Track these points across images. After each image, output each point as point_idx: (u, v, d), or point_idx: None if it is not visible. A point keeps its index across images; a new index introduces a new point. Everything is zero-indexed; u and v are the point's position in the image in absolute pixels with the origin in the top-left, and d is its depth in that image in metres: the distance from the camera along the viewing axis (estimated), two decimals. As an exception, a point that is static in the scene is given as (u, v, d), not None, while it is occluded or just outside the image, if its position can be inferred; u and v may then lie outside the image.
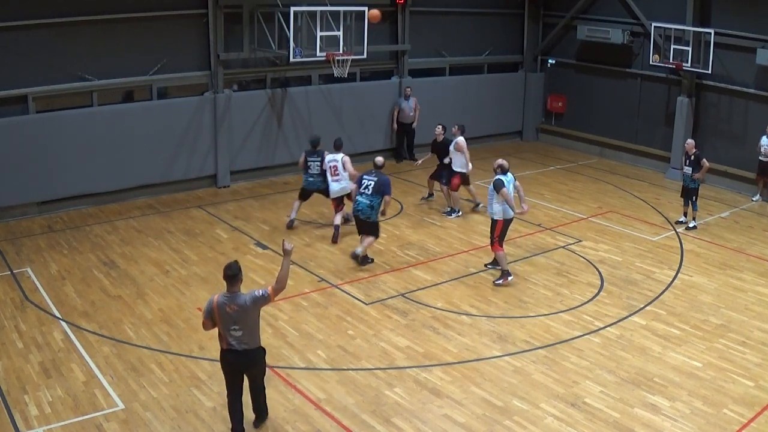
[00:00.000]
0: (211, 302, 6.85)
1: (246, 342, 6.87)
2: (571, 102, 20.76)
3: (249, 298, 6.78)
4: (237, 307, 6.74)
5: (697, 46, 16.29)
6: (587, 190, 16.69)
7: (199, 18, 15.27)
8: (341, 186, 12.90)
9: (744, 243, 13.40)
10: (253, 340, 6.96)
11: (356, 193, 11.82)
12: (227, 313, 6.76)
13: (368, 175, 11.79)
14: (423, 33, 18.83)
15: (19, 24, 13.07)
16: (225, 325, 6.82)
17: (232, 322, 6.78)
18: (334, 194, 12.97)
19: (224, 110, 15.73)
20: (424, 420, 7.75)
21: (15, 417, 7.53)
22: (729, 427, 7.69)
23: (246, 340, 6.86)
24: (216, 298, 6.84)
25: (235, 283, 6.78)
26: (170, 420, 7.60)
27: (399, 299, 10.68)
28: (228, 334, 6.85)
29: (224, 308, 6.76)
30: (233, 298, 6.76)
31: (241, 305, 6.75)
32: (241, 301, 6.75)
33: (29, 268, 11.45)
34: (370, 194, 11.59)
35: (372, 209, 11.61)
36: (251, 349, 6.95)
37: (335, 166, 12.85)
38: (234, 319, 6.76)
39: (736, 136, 16.90)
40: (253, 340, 6.95)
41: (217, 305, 6.79)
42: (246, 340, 6.86)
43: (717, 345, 9.48)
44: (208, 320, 6.94)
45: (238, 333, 6.81)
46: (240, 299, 6.76)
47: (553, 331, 9.79)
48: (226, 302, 6.76)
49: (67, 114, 13.93)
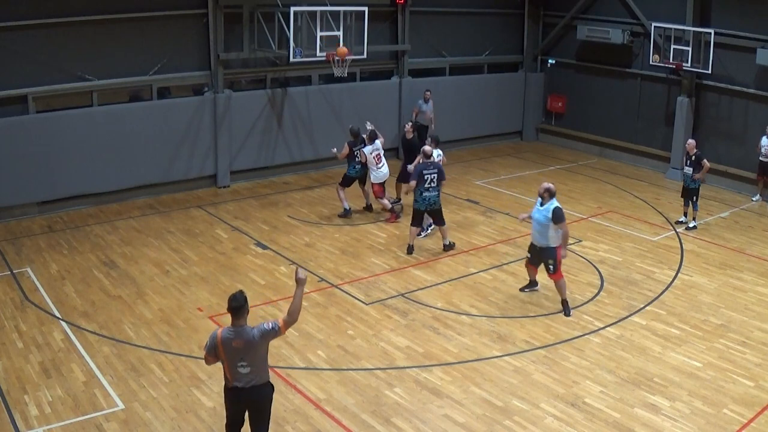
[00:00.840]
0: (215, 337, 6.16)
1: (253, 379, 6.19)
2: (571, 102, 20.76)
3: (257, 332, 6.08)
4: (244, 342, 6.05)
5: (697, 46, 16.30)
6: (587, 190, 16.69)
7: (199, 18, 15.28)
8: (387, 169, 13.90)
9: (744, 243, 13.40)
10: (261, 376, 6.27)
11: (419, 188, 12.08)
12: (233, 348, 6.07)
13: (427, 169, 12.09)
14: (423, 33, 18.83)
15: (19, 24, 13.08)
16: (231, 361, 6.13)
17: (239, 358, 6.08)
18: (381, 179, 13.83)
19: (224, 110, 15.73)
20: (424, 420, 7.75)
21: (15, 417, 7.53)
22: (729, 427, 7.69)
23: (253, 377, 6.19)
24: (220, 333, 6.15)
25: (240, 315, 6.08)
26: (170, 420, 7.60)
27: (399, 299, 10.68)
28: (234, 372, 6.15)
29: (230, 343, 6.07)
30: (239, 332, 6.07)
31: (249, 340, 6.06)
32: (249, 336, 6.06)
33: (29, 268, 11.45)
34: (436, 185, 12.14)
35: (438, 196, 12.29)
36: (259, 385, 6.26)
37: (379, 154, 13.77)
38: (241, 354, 6.07)
39: (736, 136, 16.91)
40: (260, 376, 6.25)
41: (222, 340, 6.10)
42: (253, 376, 6.18)
43: (717, 345, 9.48)
44: (210, 356, 6.26)
45: (246, 370, 6.12)
46: (247, 333, 6.07)
47: (553, 331, 9.78)
48: (231, 337, 6.07)
49: (67, 114, 13.93)
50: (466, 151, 19.76)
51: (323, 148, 16.59)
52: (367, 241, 12.97)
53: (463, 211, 14.67)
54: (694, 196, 13.82)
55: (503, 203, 15.29)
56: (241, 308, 6.06)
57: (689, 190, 13.83)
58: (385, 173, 13.83)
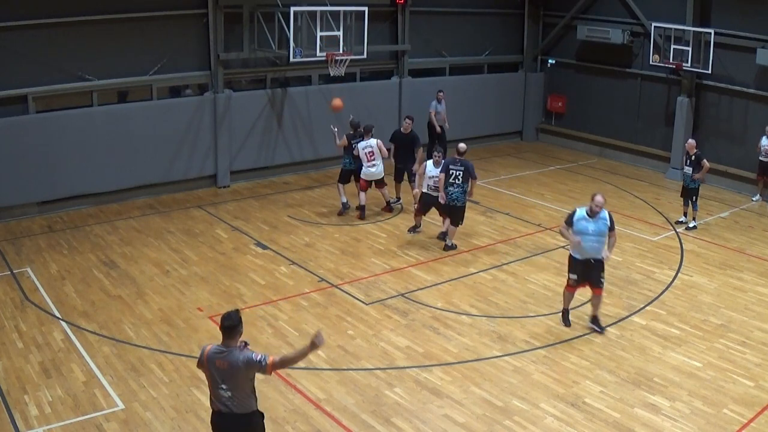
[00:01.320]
0: (203, 352, 5.83)
1: (236, 405, 5.74)
2: (571, 102, 20.76)
3: (243, 359, 5.65)
4: (228, 364, 5.65)
5: (697, 46, 16.30)
6: (587, 190, 16.60)
7: (199, 18, 15.27)
8: (378, 170, 13.71)
9: (744, 243, 13.40)
10: (244, 405, 5.80)
11: (445, 183, 12.16)
12: (216, 368, 5.70)
13: (454, 165, 12.15)
14: (423, 33, 18.83)
15: (19, 24, 13.07)
16: (213, 381, 5.77)
17: (221, 379, 5.71)
18: (370, 177, 13.76)
19: (224, 110, 15.73)
20: (424, 420, 7.75)
21: (15, 417, 7.52)
22: (729, 427, 7.68)
23: (236, 404, 5.74)
24: (208, 349, 5.80)
25: (231, 335, 5.69)
26: (170, 420, 7.60)
27: (399, 299, 10.68)
28: (216, 392, 5.77)
29: (214, 362, 5.71)
30: (226, 354, 5.67)
31: (232, 363, 5.65)
32: (233, 359, 5.65)
33: (29, 268, 11.45)
34: (461, 182, 12.12)
35: (463, 194, 12.23)
36: (243, 414, 5.79)
37: (372, 152, 13.60)
38: (222, 376, 5.69)
39: (736, 136, 16.91)
40: (244, 405, 5.79)
41: (207, 357, 5.75)
42: (236, 403, 5.74)
43: (717, 345, 9.48)
44: (200, 367, 5.96)
45: (227, 393, 5.72)
46: (233, 356, 5.65)
47: (553, 331, 9.78)
48: (217, 356, 5.70)
49: (67, 114, 13.92)
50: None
51: (323, 148, 16.60)
52: (367, 241, 12.97)
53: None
54: (694, 196, 13.83)
55: (503, 203, 15.29)
56: (233, 328, 5.70)
57: (689, 190, 13.83)
58: (373, 172, 13.73)
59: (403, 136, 14.51)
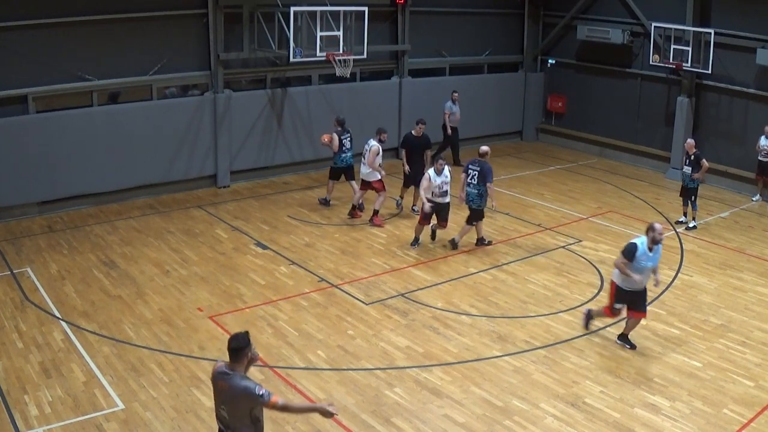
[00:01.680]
0: (213, 367, 5.69)
1: (232, 429, 5.57)
2: (571, 102, 20.76)
3: (242, 388, 5.39)
4: (228, 387, 5.46)
5: (697, 46, 16.30)
6: (587, 190, 16.69)
7: (199, 18, 15.27)
8: (364, 171, 13.71)
9: (744, 243, 13.40)
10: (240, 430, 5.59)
11: (464, 183, 12.38)
12: (218, 388, 5.57)
13: (473, 165, 12.28)
14: (423, 33, 18.82)
15: (19, 24, 13.07)
16: (215, 400, 5.67)
17: (221, 401, 5.59)
18: (362, 176, 13.80)
19: (224, 110, 15.73)
20: (424, 420, 7.75)
21: (15, 417, 7.52)
22: (729, 427, 7.69)
23: (232, 428, 5.57)
24: (216, 366, 5.63)
25: (237, 358, 5.47)
26: (170, 420, 7.60)
27: (399, 299, 10.68)
28: (218, 411, 5.66)
29: (217, 382, 5.57)
30: (230, 377, 5.46)
31: (233, 388, 5.44)
32: (234, 384, 5.43)
33: (29, 268, 11.44)
34: (477, 183, 12.24)
35: (480, 197, 12.32)
36: None
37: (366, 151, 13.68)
38: (222, 398, 5.56)
39: (736, 136, 16.91)
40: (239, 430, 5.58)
41: (213, 375, 5.63)
42: (232, 427, 5.56)
43: (717, 345, 9.48)
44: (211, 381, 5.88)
45: (225, 414, 5.58)
46: (234, 381, 5.43)
47: (553, 331, 9.78)
48: (220, 376, 5.51)
49: (67, 114, 13.92)
50: (466, 151, 19.72)
51: (323, 149, 16.53)
52: (367, 241, 12.97)
53: (464, 211, 14.62)
54: (693, 196, 13.83)
55: (503, 203, 15.27)
56: (239, 351, 5.46)
57: (688, 190, 13.84)
58: (364, 172, 13.70)
59: (416, 139, 14.35)
